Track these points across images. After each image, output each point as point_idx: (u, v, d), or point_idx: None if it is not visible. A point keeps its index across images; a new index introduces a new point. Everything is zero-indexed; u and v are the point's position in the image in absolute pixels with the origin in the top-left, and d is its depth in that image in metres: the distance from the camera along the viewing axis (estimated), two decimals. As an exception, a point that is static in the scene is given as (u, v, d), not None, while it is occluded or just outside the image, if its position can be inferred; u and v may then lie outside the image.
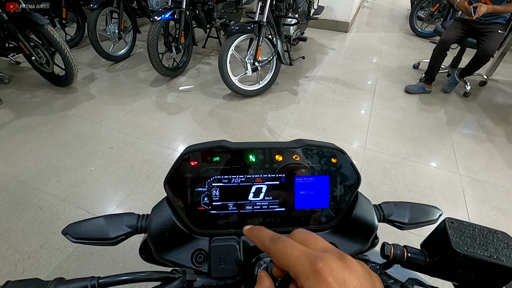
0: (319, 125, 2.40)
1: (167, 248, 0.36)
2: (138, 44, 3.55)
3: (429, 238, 0.31)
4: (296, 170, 0.37)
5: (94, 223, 0.36)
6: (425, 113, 2.62)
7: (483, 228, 0.29)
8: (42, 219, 1.55)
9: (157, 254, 0.36)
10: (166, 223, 0.36)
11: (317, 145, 0.37)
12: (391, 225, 0.42)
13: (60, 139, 2.11)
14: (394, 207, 0.42)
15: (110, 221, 0.37)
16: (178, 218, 0.36)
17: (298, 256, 0.22)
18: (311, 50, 3.84)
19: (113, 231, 0.36)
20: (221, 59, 2.38)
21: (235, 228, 0.38)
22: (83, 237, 0.35)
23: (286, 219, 0.38)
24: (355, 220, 0.38)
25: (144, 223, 0.37)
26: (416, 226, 0.41)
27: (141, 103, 2.57)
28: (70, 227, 0.36)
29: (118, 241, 0.36)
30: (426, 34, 4.39)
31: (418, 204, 0.43)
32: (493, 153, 2.20)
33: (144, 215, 0.38)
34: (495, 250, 0.27)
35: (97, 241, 0.36)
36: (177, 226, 0.36)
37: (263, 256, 0.36)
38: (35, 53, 2.36)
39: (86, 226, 0.36)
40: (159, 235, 0.36)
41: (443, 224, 0.29)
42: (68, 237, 0.35)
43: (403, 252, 0.31)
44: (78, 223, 0.36)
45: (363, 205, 0.39)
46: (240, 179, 0.37)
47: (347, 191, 0.39)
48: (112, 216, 0.37)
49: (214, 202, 0.37)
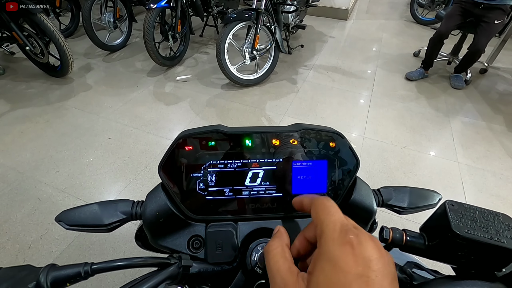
0: (318, 114, 2.39)
1: (163, 234, 0.36)
2: (134, 34, 3.49)
3: (428, 221, 0.31)
4: (294, 155, 0.37)
5: (88, 209, 0.36)
6: (425, 102, 2.61)
7: (483, 210, 0.28)
8: (42, 210, 1.55)
9: (153, 240, 0.36)
10: (161, 209, 0.35)
11: (315, 128, 0.36)
12: (390, 210, 0.41)
13: (57, 130, 2.09)
14: (393, 191, 0.41)
15: (104, 207, 0.36)
16: (173, 204, 0.36)
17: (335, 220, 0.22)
18: (310, 38, 3.79)
19: (108, 218, 0.35)
20: (219, 48, 2.35)
21: (232, 214, 0.37)
22: (77, 224, 0.35)
23: (284, 204, 0.38)
24: (353, 205, 0.38)
25: (139, 210, 0.37)
26: (416, 210, 0.41)
27: (138, 93, 2.54)
28: (64, 214, 0.35)
29: (112, 228, 0.36)
30: (427, 21, 4.32)
31: (417, 188, 0.43)
32: (492, 141, 2.19)
33: (139, 202, 0.38)
34: (496, 232, 0.26)
35: (91, 228, 0.35)
36: (172, 212, 0.35)
37: (260, 241, 0.36)
38: (29, 43, 2.31)
39: (80, 212, 0.36)
40: (154, 221, 0.35)
41: (443, 206, 0.28)
42: (61, 224, 0.35)
43: (402, 236, 0.31)
44: (72, 210, 0.36)
45: (361, 189, 0.38)
46: (237, 164, 0.36)
47: (345, 175, 0.38)
48: (107, 203, 0.37)
49: (210, 187, 0.36)
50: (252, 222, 0.38)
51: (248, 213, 0.38)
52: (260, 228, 0.37)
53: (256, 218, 0.38)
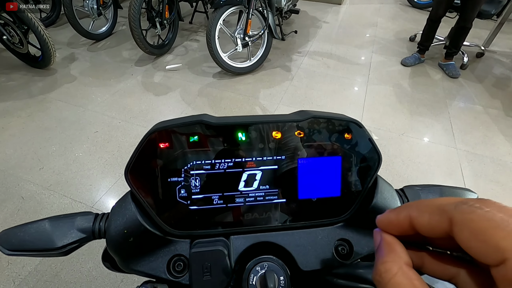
0: (314, 102, 2.31)
1: (135, 256, 0.29)
2: (120, 21, 3.32)
3: None
4: (299, 150, 0.29)
5: (36, 228, 0.28)
6: (422, 87, 2.55)
7: None
8: (26, 210, 1.47)
9: (123, 264, 0.29)
10: (130, 225, 0.28)
11: (326, 116, 0.29)
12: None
13: (40, 124, 1.98)
14: (421, 192, 0.34)
15: (57, 224, 0.28)
16: (146, 217, 0.28)
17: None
18: (304, 24, 3.67)
19: (61, 238, 0.28)
20: (209, 35, 2.23)
21: (223, 227, 0.30)
22: (19, 248, 0.27)
23: (288, 212, 0.31)
24: (375, 211, 0.31)
25: (104, 225, 0.29)
26: None
27: (126, 84, 2.42)
28: (4, 235, 0.28)
29: (67, 251, 0.28)
30: (423, 5, 4.23)
31: (448, 187, 0.36)
32: (490, 126, 2.16)
33: (104, 215, 0.30)
34: None
35: (39, 252, 0.27)
36: (145, 228, 0.28)
37: (259, 260, 0.29)
38: (7, 32, 2.17)
39: (24, 233, 0.28)
40: (121, 241, 0.28)
41: None
42: (0, 249, 0.27)
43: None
44: (14, 229, 0.28)
45: (384, 191, 0.31)
46: (227, 164, 0.29)
47: (364, 175, 0.31)
48: (61, 218, 0.29)
49: (194, 195, 0.29)
50: (249, 235, 0.31)
51: (244, 225, 0.30)
52: (259, 242, 0.30)
53: (253, 231, 0.31)
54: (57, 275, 1.23)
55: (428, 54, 2.92)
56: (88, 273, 1.24)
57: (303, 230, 0.31)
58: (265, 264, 0.28)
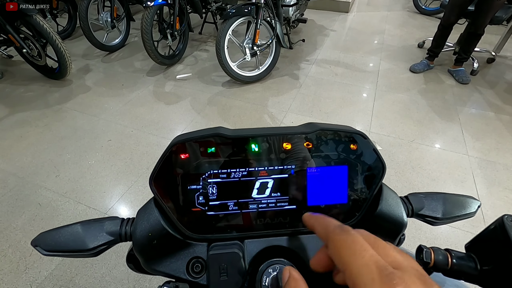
0: (322, 110, 2.33)
1: (158, 257, 0.31)
2: (133, 33, 3.43)
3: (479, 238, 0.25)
4: (308, 160, 0.32)
5: (69, 231, 0.31)
6: (432, 94, 2.54)
7: None
8: (42, 216, 1.52)
9: (146, 265, 0.31)
10: (154, 228, 0.30)
11: (332, 129, 0.31)
12: (421, 220, 0.36)
13: (57, 133, 2.06)
14: (424, 199, 0.36)
15: (88, 228, 0.31)
16: (168, 222, 0.31)
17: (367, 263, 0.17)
18: (312, 32, 3.71)
19: (92, 240, 0.31)
20: (219, 45, 2.29)
21: (238, 231, 0.33)
22: (55, 249, 0.30)
23: (298, 218, 0.33)
24: (380, 217, 0.32)
25: (129, 229, 0.32)
26: (451, 220, 0.35)
27: (138, 93, 2.50)
28: (42, 237, 0.31)
29: (98, 252, 0.31)
30: (431, 11, 4.22)
31: (451, 194, 0.37)
32: (503, 132, 2.12)
33: (129, 219, 0.33)
34: None
35: (72, 253, 0.30)
36: (167, 232, 0.31)
37: (271, 262, 0.31)
38: (26, 45, 2.27)
39: (59, 235, 0.31)
40: (146, 243, 0.30)
41: (501, 222, 0.23)
42: (38, 249, 0.30)
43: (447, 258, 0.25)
44: (51, 232, 0.31)
45: (389, 199, 0.33)
46: (241, 173, 0.31)
47: (369, 183, 0.33)
48: (91, 222, 0.32)
49: (211, 201, 0.32)
50: (261, 239, 0.33)
51: (257, 230, 0.33)
52: (271, 246, 0.32)
53: (266, 235, 0.33)
54: (72, 280, 1.26)
55: (437, 61, 2.91)
56: (102, 278, 1.27)
57: (313, 235, 0.33)
58: (277, 266, 0.30)
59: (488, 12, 2.35)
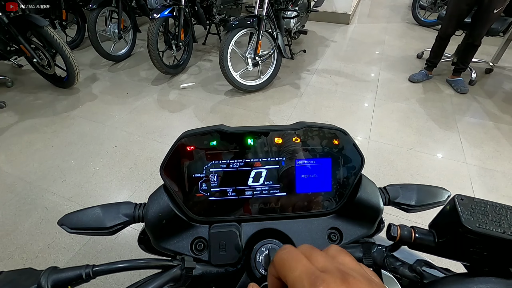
0: (323, 118, 2.37)
1: (166, 236, 0.36)
2: (139, 43, 3.54)
3: (438, 217, 0.30)
4: (297, 153, 0.36)
5: (90, 212, 0.36)
6: (430, 103, 2.58)
7: (495, 204, 0.27)
8: (49, 219, 1.56)
9: (156, 243, 0.36)
10: (163, 210, 0.35)
11: (317, 126, 0.36)
12: (397, 208, 0.40)
13: (64, 139, 2.12)
14: (400, 189, 0.40)
15: (106, 210, 0.36)
16: (175, 205, 0.35)
17: (300, 274, 0.19)
18: (313, 43, 3.80)
19: (110, 220, 0.35)
20: (222, 55, 2.36)
21: (235, 215, 0.37)
22: (79, 227, 0.35)
23: (288, 204, 0.37)
24: (359, 203, 0.37)
25: (142, 212, 0.36)
26: (424, 208, 0.40)
27: (143, 101, 2.57)
28: (66, 218, 0.35)
29: (115, 231, 0.36)
30: (429, 23, 4.31)
31: (425, 185, 0.42)
32: (501, 141, 2.15)
33: (141, 204, 0.37)
34: (509, 226, 0.25)
35: (93, 231, 0.35)
36: (175, 213, 0.35)
37: (265, 242, 0.35)
38: (37, 55, 2.36)
39: (82, 216, 0.35)
40: (157, 223, 0.35)
41: (453, 201, 0.27)
42: (64, 227, 0.35)
43: (411, 233, 0.30)
44: (74, 213, 0.36)
45: (367, 187, 0.37)
46: (239, 163, 0.36)
47: (350, 173, 0.37)
48: (109, 205, 0.37)
49: (213, 188, 0.36)
50: (257, 222, 0.37)
51: (252, 214, 0.37)
52: (265, 228, 0.37)
53: (260, 219, 0.37)
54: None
55: (436, 71, 2.97)
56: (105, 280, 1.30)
57: (301, 219, 0.37)
58: (269, 246, 0.34)
59: (485, 24, 2.41)
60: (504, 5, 2.31)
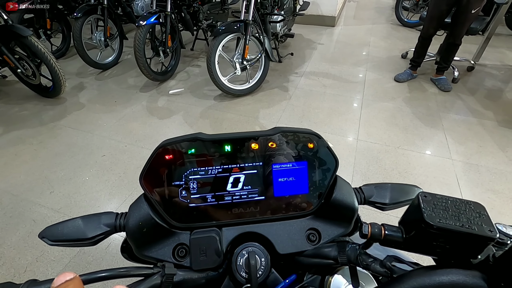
0: (312, 120, 2.40)
1: (147, 244, 0.36)
2: (126, 51, 3.52)
3: (405, 214, 0.31)
4: (273, 158, 0.37)
5: (71, 224, 0.36)
6: (416, 102, 2.64)
7: (455, 200, 0.28)
8: (37, 232, 1.52)
9: (138, 251, 0.36)
10: (144, 219, 0.35)
11: (292, 131, 0.37)
12: (372, 207, 0.42)
13: (51, 150, 2.09)
14: (375, 188, 0.42)
15: (88, 221, 0.36)
16: (156, 213, 0.36)
17: None
18: (300, 46, 3.85)
19: (91, 231, 0.36)
20: (209, 60, 2.38)
21: (216, 220, 0.38)
22: (60, 238, 0.35)
23: (267, 207, 0.38)
24: (335, 204, 0.38)
25: (123, 221, 0.37)
26: (397, 206, 0.41)
27: (132, 109, 2.55)
28: (47, 230, 0.36)
29: (96, 241, 0.36)
30: (412, 24, 4.42)
31: (398, 184, 0.43)
32: (484, 136, 2.22)
33: (122, 213, 0.38)
34: (467, 220, 0.27)
35: (75, 242, 0.35)
36: (156, 221, 0.36)
37: (245, 246, 0.36)
38: (21, 66, 2.33)
39: (63, 227, 0.36)
40: (137, 231, 0.35)
41: (417, 198, 0.29)
42: (45, 240, 0.35)
43: (381, 230, 0.31)
44: (55, 225, 0.36)
45: (342, 188, 0.39)
46: (217, 170, 0.37)
47: (325, 175, 0.38)
48: (90, 216, 0.37)
49: (192, 195, 0.37)
50: (237, 227, 0.38)
51: (232, 218, 0.38)
52: (245, 232, 0.38)
53: (240, 223, 0.38)
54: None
55: (420, 70, 3.04)
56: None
57: (280, 221, 0.38)
58: (250, 249, 0.35)
59: (464, 24, 2.49)
60: (481, 5, 2.39)
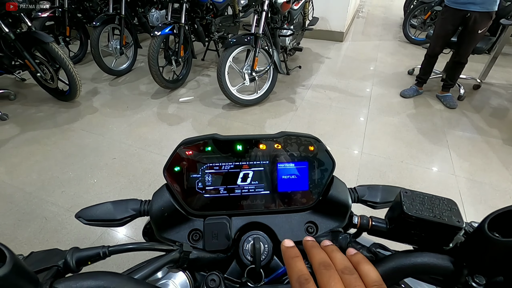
0: (317, 132, 2.45)
1: (167, 228, 0.41)
2: (139, 59, 3.66)
3: (390, 208, 0.36)
4: (278, 157, 0.43)
5: (103, 207, 0.42)
6: (421, 117, 2.68)
7: (432, 196, 0.33)
8: (48, 229, 1.59)
9: (158, 233, 0.41)
10: (165, 205, 0.41)
11: (295, 135, 0.42)
12: (364, 205, 0.46)
13: (64, 151, 2.17)
14: (367, 189, 0.47)
15: (116, 205, 0.42)
16: (176, 201, 0.41)
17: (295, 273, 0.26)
18: (308, 59, 3.94)
19: (120, 214, 0.41)
20: (220, 71, 2.46)
21: (226, 209, 0.43)
22: (94, 219, 0.41)
23: (271, 200, 0.43)
24: (331, 200, 0.43)
25: (147, 207, 0.42)
26: (387, 205, 0.46)
27: (142, 114, 2.64)
28: (82, 211, 0.41)
29: (124, 222, 0.42)
30: (420, 41, 4.49)
31: (388, 186, 0.48)
32: (489, 154, 2.23)
33: (146, 200, 0.43)
34: (439, 212, 0.31)
35: (106, 222, 0.41)
36: (175, 207, 0.41)
37: (251, 233, 0.41)
38: (40, 70, 2.45)
39: (96, 210, 0.41)
40: (160, 216, 0.41)
41: (399, 194, 0.34)
42: (80, 219, 0.41)
43: (368, 221, 0.36)
44: (89, 208, 0.42)
45: (338, 187, 0.44)
46: (229, 166, 0.42)
47: (324, 175, 0.44)
48: (118, 202, 0.43)
49: (207, 187, 0.42)
50: (244, 217, 0.43)
51: (241, 209, 0.43)
52: (251, 222, 0.43)
53: (247, 213, 0.43)
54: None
55: (426, 87, 3.08)
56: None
57: (282, 214, 0.44)
58: (255, 236, 0.40)
59: (470, 44, 2.55)
60: (488, 25, 2.44)
